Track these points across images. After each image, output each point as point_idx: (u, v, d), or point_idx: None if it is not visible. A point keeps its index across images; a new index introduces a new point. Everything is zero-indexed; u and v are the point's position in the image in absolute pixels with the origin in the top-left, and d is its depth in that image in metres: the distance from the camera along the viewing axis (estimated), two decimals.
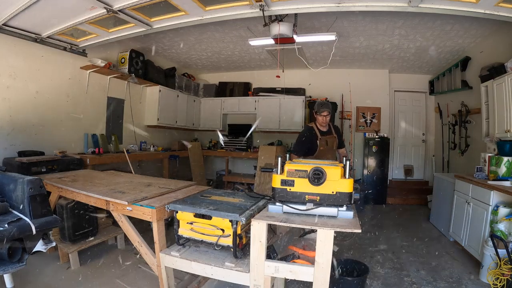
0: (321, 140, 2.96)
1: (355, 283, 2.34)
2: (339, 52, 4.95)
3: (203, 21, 3.19)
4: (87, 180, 2.76)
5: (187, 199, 2.01)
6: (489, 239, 2.59)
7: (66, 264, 2.79)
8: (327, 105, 2.94)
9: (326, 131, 3.03)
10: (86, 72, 4.20)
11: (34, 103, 3.59)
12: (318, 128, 3.01)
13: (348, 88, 5.90)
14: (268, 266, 1.60)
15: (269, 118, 6.25)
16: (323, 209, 1.61)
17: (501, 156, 3.05)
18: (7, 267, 1.62)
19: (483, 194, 2.93)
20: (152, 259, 2.02)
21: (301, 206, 1.64)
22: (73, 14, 3.07)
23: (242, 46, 4.94)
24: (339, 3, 2.77)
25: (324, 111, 2.92)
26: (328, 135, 3.01)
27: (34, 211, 1.72)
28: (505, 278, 2.31)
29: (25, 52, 3.44)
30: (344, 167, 1.66)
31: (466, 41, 4.17)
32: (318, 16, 3.55)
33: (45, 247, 1.81)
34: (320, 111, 2.94)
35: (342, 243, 3.32)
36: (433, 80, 5.86)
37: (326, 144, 2.95)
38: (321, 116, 2.94)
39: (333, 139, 3.03)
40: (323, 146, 2.93)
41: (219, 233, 1.77)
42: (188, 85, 6.32)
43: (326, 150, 2.94)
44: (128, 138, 5.05)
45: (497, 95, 3.34)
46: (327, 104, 2.97)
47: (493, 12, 2.62)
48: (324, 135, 2.99)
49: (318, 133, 2.99)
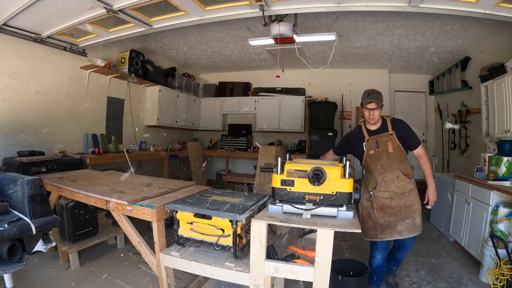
0: (370, 141, 2.26)
1: (355, 283, 2.34)
2: (339, 52, 4.95)
3: (203, 21, 3.18)
4: (87, 180, 2.76)
5: (187, 199, 2.01)
6: (489, 239, 2.59)
7: (66, 264, 2.79)
8: (374, 94, 2.18)
9: (377, 129, 2.28)
10: (86, 72, 4.21)
11: (34, 103, 3.59)
12: (366, 126, 2.33)
13: (348, 88, 5.90)
14: (268, 266, 1.60)
15: (269, 118, 6.25)
16: (323, 209, 1.61)
17: (501, 156, 3.05)
18: (7, 267, 1.62)
19: (483, 194, 2.93)
20: (152, 259, 2.02)
21: (301, 206, 1.64)
22: (73, 14, 3.07)
23: (242, 46, 4.94)
24: (339, 3, 2.77)
25: (369, 102, 2.17)
26: (381, 134, 2.26)
27: (34, 211, 1.71)
28: (505, 278, 2.31)
29: (25, 52, 3.44)
30: (344, 167, 1.66)
31: (466, 41, 4.17)
32: (318, 16, 3.55)
33: (45, 247, 1.80)
34: (365, 102, 2.20)
35: (342, 243, 3.32)
36: (433, 80, 5.86)
37: (377, 146, 2.23)
38: (367, 110, 2.21)
39: (389, 139, 2.22)
40: (372, 149, 2.25)
41: (219, 233, 1.77)
42: (188, 85, 6.32)
43: (379, 154, 2.23)
44: (128, 138, 5.05)
45: (497, 95, 3.34)
46: (375, 93, 2.19)
47: (493, 12, 2.62)
48: (374, 135, 2.28)
49: (366, 133, 2.31)
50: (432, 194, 2.25)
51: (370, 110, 2.20)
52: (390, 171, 2.22)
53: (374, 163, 2.26)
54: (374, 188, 2.26)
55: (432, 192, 2.25)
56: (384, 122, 2.29)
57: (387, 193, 2.22)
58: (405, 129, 2.27)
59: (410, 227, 2.21)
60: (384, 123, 2.29)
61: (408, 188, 2.22)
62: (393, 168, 2.22)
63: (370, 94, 2.19)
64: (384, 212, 2.23)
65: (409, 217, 2.21)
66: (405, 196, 2.22)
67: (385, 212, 2.23)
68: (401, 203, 2.21)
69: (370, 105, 2.18)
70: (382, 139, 2.25)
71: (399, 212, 2.21)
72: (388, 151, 2.21)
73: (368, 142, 2.28)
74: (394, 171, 2.22)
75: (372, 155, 2.27)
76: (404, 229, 2.21)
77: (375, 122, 2.27)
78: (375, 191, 2.25)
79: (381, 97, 2.21)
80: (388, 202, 2.22)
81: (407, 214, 2.21)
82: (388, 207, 2.22)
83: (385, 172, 2.23)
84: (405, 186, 2.21)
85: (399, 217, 2.21)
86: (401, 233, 2.21)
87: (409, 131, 2.27)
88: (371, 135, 2.29)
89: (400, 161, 2.23)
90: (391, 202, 2.22)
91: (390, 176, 2.22)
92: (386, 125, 2.27)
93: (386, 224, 2.23)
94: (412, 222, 2.21)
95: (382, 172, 2.23)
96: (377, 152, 2.25)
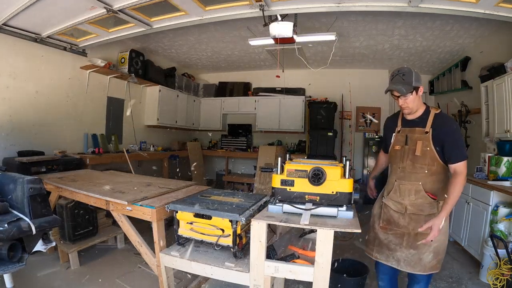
0: (400, 133, 1.82)
1: (355, 283, 2.34)
2: (339, 52, 4.95)
3: (203, 21, 3.19)
4: (87, 180, 2.76)
5: (187, 199, 2.01)
6: (489, 239, 2.59)
7: (66, 264, 2.79)
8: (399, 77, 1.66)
9: (413, 120, 1.77)
10: (86, 72, 4.20)
11: (34, 103, 3.59)
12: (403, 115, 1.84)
13: (348, 88, 5.90)
14: (268, 266, 1.60)
15: (269, 118, 6.25)
16: (323, 209, 1.61)
17: (501, 156, 3.06)
18: (7, 267, 1.62)
19: (483, 194, 2.93)
20: (152, 259, 2.02)
21: (301, 206, 1.64)
22: (73, 14, 3.07)
23: (242, 46, 4.94)
24: (339, 3, 2.77)
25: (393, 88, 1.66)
26: (415, 128, 1.75)
27: (34, 211, 1.71)
28: (505, 278, 2.31)
29: (25, 52, 3.44)
30: (344, 167, 1.66)
31: (466, 41, 4.17)
32: (318, 16, 3.55)
33: (45, 247, 1.80)
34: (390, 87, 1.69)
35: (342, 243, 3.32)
36: (433, 80, 5.86)
37: (406, 142, 1.77)
38: (395, 97, 1.74)
39: (421, 137, 1.71)
40: (399, 144, 1.80)
41: (219, 233, 1.77)
42: (188, 85, 6.32)
43: (405, 153, 1.77)
44: (128, 138, 5.05)
45: (497, 95, 3.34)
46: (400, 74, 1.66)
47: (493, 12, 2.62)
48: (407, 126, 1.80)
49: (400, 121, 1.86)
50: (436, 227, 1.60)
51: (398, 98, 1.71)
52: (410, 180, 1.74)
53: (396, 162, 1.81)
54: (388, 193, 1.85)
55: (438, 223, 1.60)
56: (426, 113, 1.73)
57: (398, 206, 1.78)
58: (449, 132, 1.65)
59: (412, 261, 1.73)
60: (425, 114, 1.73)
61: (426, 211, 1.71)
62: (415, 177, 1.73)
63: (394, 76, 1.69)
64: (389, 227, 1.80)
65: (416, 248, 1.71)
66: (418, 219, 1.71)
67: (390, 228, 1.80)
68: (410, 226, 1.74)
69: (394, 92, 1.70)
70: (414, 135, 1.74)
71: (405, 236, 1.75)
72: (415, 153, 1.71)
73: (397, 134, 1.82)
74: (415, 181, 1.73)
75: (397, 151, 1.81)
76: (403, 259, 1.75)
77: (411, 112, 1.74)
78: (387, 198, 1.84)
79: (411, 77, 1.64)
80: (396, 217, 1.78)
81: (414, 243, 1.72)
82: (394, 223, 1.79)
83: (404, 178, 1.77)
84: (423, 206, 1.71)
85: (404, 242, 1.75)
86: (399, 262, 1.76)
87: (453, 135, 1.65)
88: (405, 126, 1.81)
89: (429, 172, 1.70)
90: (399, 218, 1.78)
91: (408, 185, 1.75)
92: (427, 119, 1.71)
93: (386, 242, 1.82)
94: (418, 256, 1.71)
95: (401, 177, 1.78)
96: (403, 150, 1.77)
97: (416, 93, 1.68)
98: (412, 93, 1.66)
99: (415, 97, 1.68)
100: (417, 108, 1.73)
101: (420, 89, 1.68)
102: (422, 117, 1.74)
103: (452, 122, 1.73)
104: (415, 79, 1.65)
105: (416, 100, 1.70)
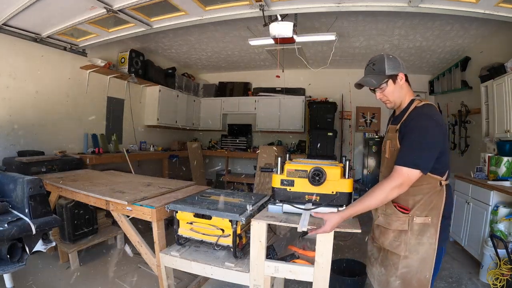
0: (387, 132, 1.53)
1: (355, 283, 2.34)
2: (339, 52, 4.95)
3: (203, 21, 3.19)
4: (87, 180, 2.76)
5: (187, 199, 2.01)
6: (489, 239, 2.59)
7: (66, 264, 2.79)
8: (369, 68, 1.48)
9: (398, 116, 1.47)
10: (86, 72, 4.20)
11: (34, 103, 3.59)
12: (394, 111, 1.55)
13: (348, 88, 5.89)
14: (268, 266, 1.60)
15: (269, 118, 6.25)
16: (323, 209, 1.61)
17: (501, 156, 3.06)
18: (7, 267, 1.62)
19: (483, 194, 2.93)
20: (152, 259, 2.02)
21: (301, 206, 1.64)
22: (73, 14, 3.07)
23: (242, 46, 4.94)
24: (339, 3, 2.77)
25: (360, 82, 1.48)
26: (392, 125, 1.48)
27: (34, 211, 1.72)
28: (505, 278, 2.31)
29: (25, 52, 3.44)
30: (344, 167, 1.66)
31: (466, 41, 4.17)
32: (318, 16, 3.55)
33: (45, 247, 1.81)
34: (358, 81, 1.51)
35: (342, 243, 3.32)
36: (433, 80, 5.86)
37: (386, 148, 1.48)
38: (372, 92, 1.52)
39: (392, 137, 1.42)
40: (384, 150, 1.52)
41: (219, 233, 1.77)
42: (188, 85, 6.32)
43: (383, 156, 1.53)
44: (128, 138, 5.05)
45: (497, 95, 3.34)
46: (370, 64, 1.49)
47: (493, 12, 2.62)
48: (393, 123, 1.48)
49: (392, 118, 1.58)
50: (328, 223, 1.34)
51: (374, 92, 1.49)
52: None
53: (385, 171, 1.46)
54: None
55: (332, 220, 1.33)
56: (408, 106, 1.41)
57: (375, 216, 1.50)
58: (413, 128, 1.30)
59: (381, 281, 1.45)
60: (407, 107, 1.41)
61: (393, 225, 1.36)
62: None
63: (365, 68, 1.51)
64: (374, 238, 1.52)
65: (386, 267, 1.41)
66: (386, 233, 1.39)
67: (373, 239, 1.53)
68: (379, 240, 1.44)
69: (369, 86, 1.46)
70: (387, 135, 1.50)
71: (381, 251, 1.46)
72: (386, 156, 1.47)
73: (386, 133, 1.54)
74: None
75: (382, 152, 1.54)
76: (376, 277, 1.49)
77: (394, 105, 1.47)
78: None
79: (383, 65, 1.40)
80: (375, 227, 1.51)
81: (385, 262, 1.43)
82: (374, 235, 1.52)
83: None
84: (390, 219, 1.37)
85: (380, 257, 1.47)
86: (374, 279, 1.53)
87: (412, 132, 1.29)
88: (392, 123, 1.51)
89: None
90: (375, 229, 1.50)
91: None
92: (405, 113, 1.39)
93: (370, 255, 1.59)
94: (386, 277, 1.41)
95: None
96: (383, 152, 1.53)
97: (394, 82, 1.40)
98: (388, 83, 1.40)
99: (394, 88, 1.41)
100: (401, 100, 1.44)
101: (400, 77, 1.40)
102: (403, 112, 1.42)
103: (425, 118, 1.29)
104: (388, 66, 1.39)
105: (396, 91, 1.41)
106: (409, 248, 1.33)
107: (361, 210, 1.31)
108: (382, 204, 1.33)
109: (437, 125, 1.28)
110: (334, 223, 1.34)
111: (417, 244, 1.32)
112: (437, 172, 1.32)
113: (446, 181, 1.35)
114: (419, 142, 1.27)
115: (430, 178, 1.32)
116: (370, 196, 1.29)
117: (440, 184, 1.33)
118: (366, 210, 1.32)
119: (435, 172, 1.31)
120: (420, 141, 1.27)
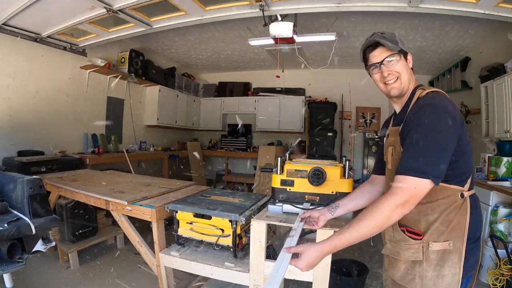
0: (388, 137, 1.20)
1: (355, 283, 2.34)
2: (339, 52, 4.95)
3: (203, 21, 3.19)
4: (86, 179, 2.76)
5: (187, 199, 2.01)
6: (488, 239, 2.59)
7: (66, 264, 2.79)
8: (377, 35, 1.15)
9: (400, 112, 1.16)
10: (86, 71, 4.20)
11: (34, 103, 3.59)
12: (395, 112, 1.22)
13: (348, 88, 5.90)
14: (267, 266, 1.60)
15: (269, 118, 6.25)
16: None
17: (501, 157, 3.05)
18: (7, 267, 1.62)
19: (483, 195, 2.92)
20: (152, 259, 2.02)
21: (301, 206, 1.64)
22: (73, 14, 3.07)
23: (242, 46, 4.94)
24: (339, 3, 2.77)
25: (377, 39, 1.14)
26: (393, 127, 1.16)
27: (33, 211, 1.71)
28: (505, 279, 2.31)
29: (25, 52, 3.44)
30: (344, 167, 1.66)
31: (466, 42, 4.17)
32: (318, 16, 3.55)
33: (45, 247, 1.80)
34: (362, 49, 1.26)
35: None
36: (433, 80, 5.86)
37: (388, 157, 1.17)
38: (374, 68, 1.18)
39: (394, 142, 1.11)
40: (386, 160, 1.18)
41: (219, 233, 1.78)
42: (188, 85, 6.32)
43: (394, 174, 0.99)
44: (128, 138, 5.05)
45: (497, 96, 3.34)
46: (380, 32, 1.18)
47: (493, 12, 2.62)
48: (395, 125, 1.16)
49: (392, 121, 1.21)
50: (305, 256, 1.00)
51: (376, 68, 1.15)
52: None
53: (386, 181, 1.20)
54: None
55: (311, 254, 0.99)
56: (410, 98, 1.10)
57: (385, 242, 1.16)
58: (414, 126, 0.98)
59: None
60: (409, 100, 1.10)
61: (404, 255, 1.05)
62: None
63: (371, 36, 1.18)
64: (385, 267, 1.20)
65: None
66: (397, 266, 1.09)
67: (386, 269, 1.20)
68: (390, 272, 1.13)
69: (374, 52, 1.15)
70: (388, 140, 1.18)
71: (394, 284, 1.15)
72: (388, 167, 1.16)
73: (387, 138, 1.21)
74: None
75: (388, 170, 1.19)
76: None
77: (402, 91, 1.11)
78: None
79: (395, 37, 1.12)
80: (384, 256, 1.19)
81: None
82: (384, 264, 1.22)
83: None
84: (400, 249, 1.06)
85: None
86: None
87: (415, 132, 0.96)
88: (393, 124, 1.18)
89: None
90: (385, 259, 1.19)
91: None
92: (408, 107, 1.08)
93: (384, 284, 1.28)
94: None
95: None
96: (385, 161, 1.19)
97: (406, 60, 1.11)
98: (401, 58, 1.09)
99: (406, 65, 1.10)
100: (408, 88, 1.10)
101: (409, 58, 1.13)
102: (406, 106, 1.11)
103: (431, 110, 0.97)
104: (400, 41, 1.11)
105: (407, 72, 1.10)
106: (425, 283, 1.01)
107: (351, 241, 0.95)
108: (382, 230, 0.97)
109: (448, 117, 0.95)
110: (311, 260, 0.98)
111: (435, 277, 1.00)
112: (455, 180, 1.01)
113: (469, 191, 1.04)
114: (425, 141, 0.93)
115: (446, 190, 1.00)
116: (364, 219, 0.94)
117: (461, 197, 1.01)
118: (359, 240, 0.95)
119: (452, 181, 1.00)
120: (427, 141, 0.93)
